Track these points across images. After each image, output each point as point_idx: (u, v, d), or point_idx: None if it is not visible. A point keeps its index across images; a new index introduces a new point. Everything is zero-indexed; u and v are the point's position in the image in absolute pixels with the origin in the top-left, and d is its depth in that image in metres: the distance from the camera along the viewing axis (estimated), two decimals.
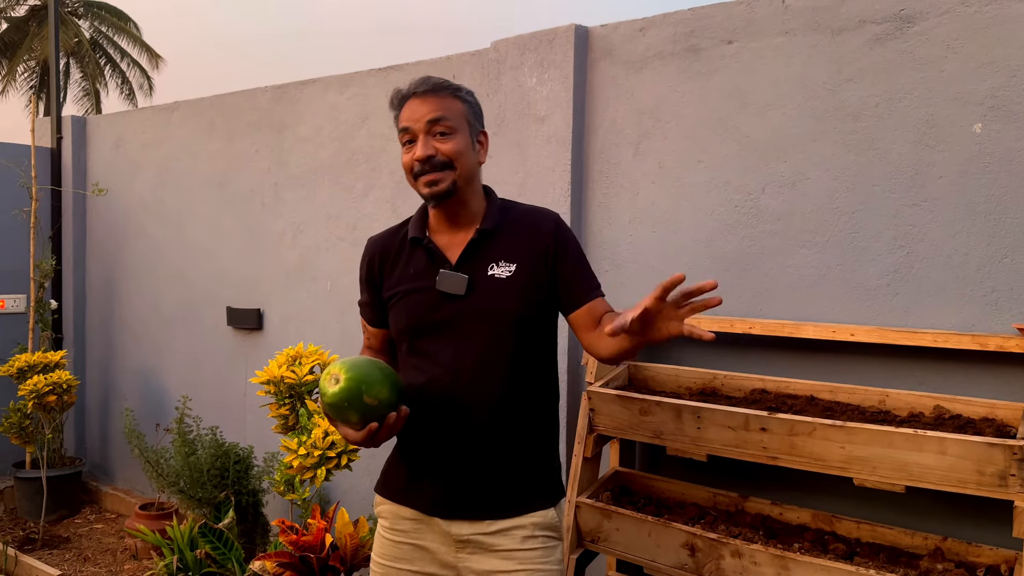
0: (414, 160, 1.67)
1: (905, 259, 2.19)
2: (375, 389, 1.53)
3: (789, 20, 2.36)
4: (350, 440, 1.60)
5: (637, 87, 2.64)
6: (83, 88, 26.39)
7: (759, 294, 2.40)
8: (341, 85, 3.56)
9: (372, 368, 1.56)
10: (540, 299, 1.73)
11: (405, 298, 1.75)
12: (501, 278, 1.70)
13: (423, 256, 1.75)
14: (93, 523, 4.40)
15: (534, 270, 1.72)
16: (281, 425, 2.96)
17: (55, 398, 4.07)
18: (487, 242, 1.73)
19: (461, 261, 1.72)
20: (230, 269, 4.08)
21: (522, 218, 1.79)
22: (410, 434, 1.74)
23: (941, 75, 2.13)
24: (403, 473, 1.78)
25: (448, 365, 1.70)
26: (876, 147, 2.22)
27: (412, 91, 1.71)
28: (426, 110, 1.67)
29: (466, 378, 1.69)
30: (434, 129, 1.66)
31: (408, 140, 1.69)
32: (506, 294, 1.70)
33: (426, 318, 1.72)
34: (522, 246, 1.74)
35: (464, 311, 1.70)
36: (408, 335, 1.75)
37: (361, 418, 1.53)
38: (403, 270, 1.77)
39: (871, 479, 1.93)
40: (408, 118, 1.68)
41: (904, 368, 2.17)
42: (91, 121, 4.93)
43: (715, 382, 2.39)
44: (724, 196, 2.47)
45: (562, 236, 1.76)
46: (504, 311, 1.69)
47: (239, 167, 4.02)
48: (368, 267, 1.84)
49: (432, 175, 1.66)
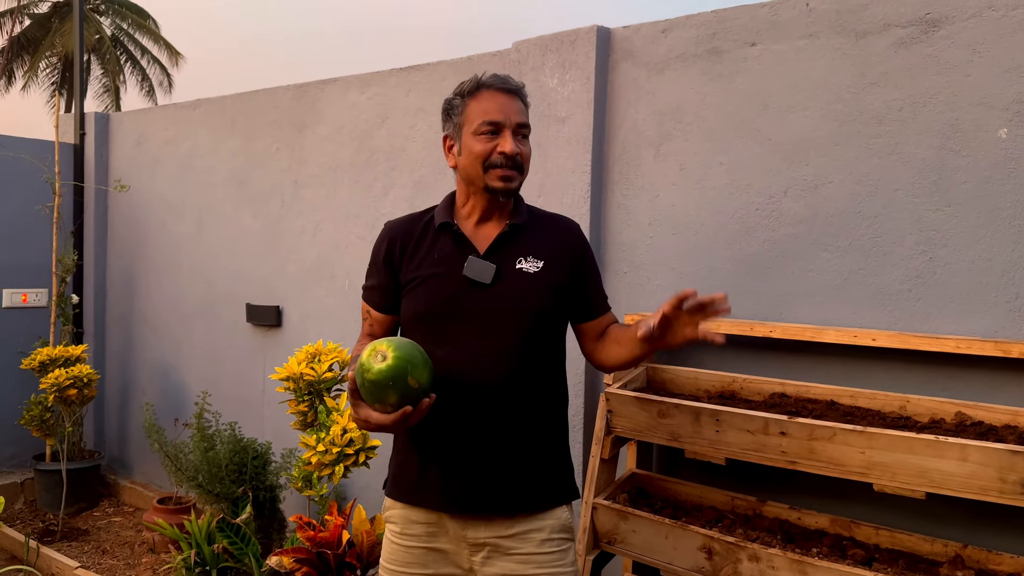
0: (497, 152, 1.69)
1: (928, 264, 2.17)
2: (418, 371, 1.52)
3: (813, 23, 2.35)
4: (371, 423, 1.57)
5: (659, 89, 2.64)
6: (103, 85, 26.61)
7: (779, 298, 2.40)
8: (362, 84, 3.57)
9: (415, 350, 1.55)
10: (561, 299, 1.76)
11: (428, 282, 1.75)
12: (529, 272, 1.73)
13: (450, 242, 1.76)
14: (111, 516, 4.45)
15: (560, 271, 1.76)
16: (300, 422, 2.98)
17: (76, 392, 4.12)
18: (517, 236, 1.76)
19: (490, 251, 1.74)
20: (250, 266, 4.11)
21: (548, 222, 1.85)
22: (424, 425, 1.71)
23: (967, 80, 2.12)
24: (414, 469, 1.76)
25: (468, 354, 1.70)
26: (899, 151, 2.21)
27: (499, 85, 1.73)
28: (517, 109, 1.73)
29: (484, 367, 1.69)
30: (520, 131, 1.72)
31: (490, 131, 1.70)
32: (533, 288, 1.72)
33: (448, 303, 1.72)
34: (550, 246, 1.77)
35: (489, 300, 1.71)
36: (426, 320, 1.74)
37: (399, 399, 1.52)
38: (426, 254, 1.77)
39: (891, 485, 1.92)
40: (500, 111, 1.70)
41: (926, 374, 2.15)
42: (114, 118, 4.98)
43: (734, 385, 2.38)
44: (745, 199, 2.47)
45: (587, 247, 1.85)
46: (529, 304, 1.72)
47: (259, 165, 4.05)
48: (387, 249, 1.82)
49: (510, 172, 1.71)
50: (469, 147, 1.72)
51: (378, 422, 1.56)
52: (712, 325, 1.57)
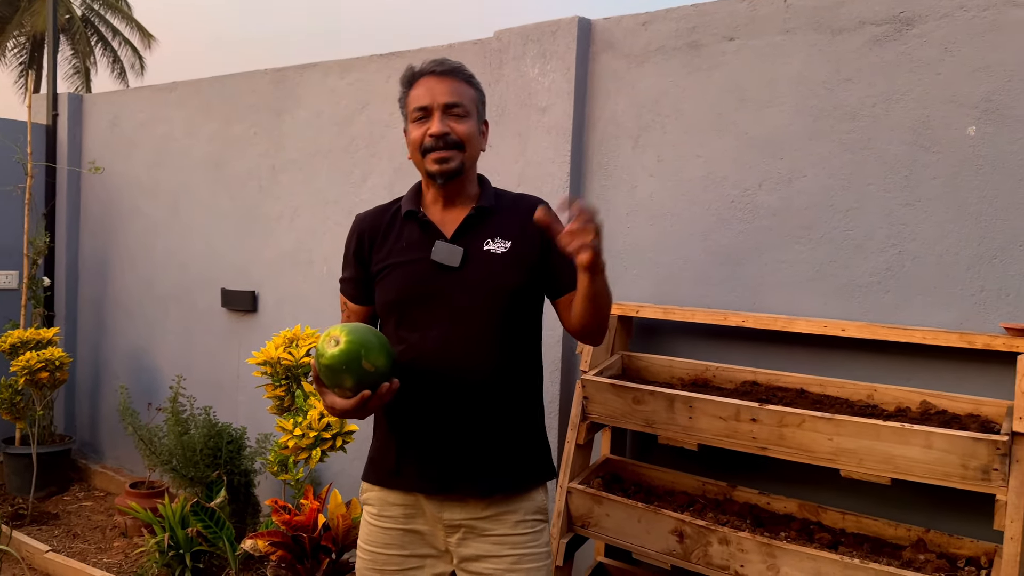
0: (427, 135, 1.71)
1: (897, 257, 2.23)
2: (373, 355, 1.54)
3: (790, 19, 2.39)
4: (336, 409, 1.60)
5: (638, 81, 2.67)
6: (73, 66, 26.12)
7: (753, 288, 2.45)
8: (342, 70, 3.57)
9: (370, 334, 1.57)
10: (532, 278, 1.78)
11: (397, 269, 1.77)
12: (497, 253, 1.75)
13: (416, 229, 1.78)
14: (82, 500, 4.42)
15: (528, 250, 1.77)
16: (276, 406, 2.98)
17: (47, 375, 4.08)
18: (483, 219, 1.78)
19: (457, 235, 1.76)
20: (225, 251, 4.09)
21: (515, 202, 1.86)
22: (399, 410, 1.75)
23: (938, 78, 2.17)
24: (391, 453, 1.79)
25: (439, 337, 1.72)
26: (872, 147, 2.27)
27: (430, 69, 1.74)
28: (444, 90, 1.72)
29: (457, 351, 1.71)
30: (451, 111, 1.72)
31: (422, 116, 1.73)
32: (501, 269, 1.74)
33: (418, 289, 1.74)
34: (517, 226, 1.79)
35: (458, 283, 1.73)
36: (398, 307, 1.76)
37: (356, 383, 1.54)
38: (395, 243, 1.80)
39: (858, 471, 1.98)
40: (426, 95, 1.72)
41: (893, 364, 2.21)
42: (87, 99, 4.92)
43: (707, 373, 2.43)
44: (721, 191, 2.51)
45: (555, 222, 1.83)
46: (498, 285, 1.73)
47: (236, 149, 4.02)
48: (358, 241, 1.85)
49: (444, 152, 1.71)
50: (408, 135, 1.76)
51: (341, 407, 1.59)
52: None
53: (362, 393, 1.56)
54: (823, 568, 1.93)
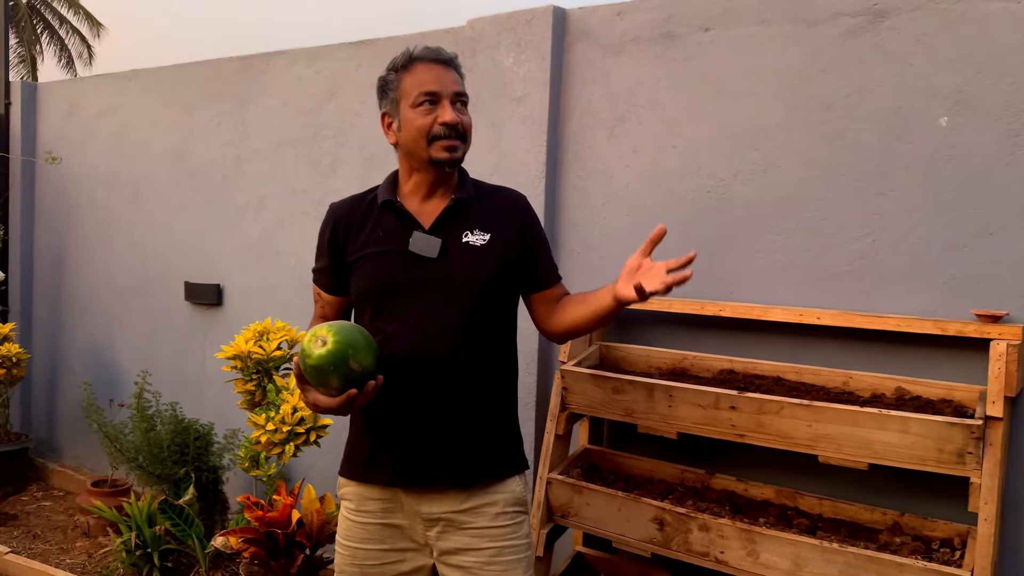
0: (439, 123, 1.69)
1: (871, 246, 2.26)
2: (361, 355, 1.53)
3: (765, 10, 2.41)
4: (320, 407, 1.59)
5: (613, 71, 2.67)
6: (19, 55, 25.37)
7: (729, 278, 2.46)
8: (309, 58, 3.51)
9: (357, 333, 1.56)
10: (510, 272, 1.77)
11: (373, 259, 1.75)
12: (476, 245, 1.74)
13: (394, 219, 1.76)
14: (41, 500, 4.30)
15: (507, 243, 1.77)
16: (247, 401, 2.93)
17: (3, 372, 3.96)
18: (462, 211, 1.77)
19: (436, 226, 1.75)
20: (188, 243, 4.00)
21: (493, 194, 1.85)
22: (376, 402, 1.71)
23: (910, 69, 2.21)
24: (367, 447, 1.77)
25: (415, 328, 1.70)
26: (845, 137, 2.29)
27: (432, 56, 1.73)
28: (453, 79, 1.73)
29: (433, 342, 1.70)
30: (459, 99, 1.72)
31: (429, 101, 1.70)
32: (480, 261, 1.73)
33: (395, 279, 1.72)
34: (496, 219, 1.78)
35: (436, 274, 1.72)
36: (374, 297, 1.74)
37: (342, 383, 1.53)
38: (371, 233, 1.77)
39: (836, 456, 2.00)
40: (435, 81, 1.70)
41: (867, 351, 2.25)
42: (42, 87, 4.77)
43: (685, 362, 2.44)
44: (697, 181, 2.52)
45: (533, 218, 1.86)
46: (477, 277, 1.72)
47: (199, 139, 3.93)
48: (332, 231, 1.82)
49: (454, 141, 1.71)
50: (409, 121, 1.71)
51: (326, 405, 1.58)
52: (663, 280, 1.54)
53: (348, 392, 1.54)
54: (802, 553, 1.96)
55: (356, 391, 1.55)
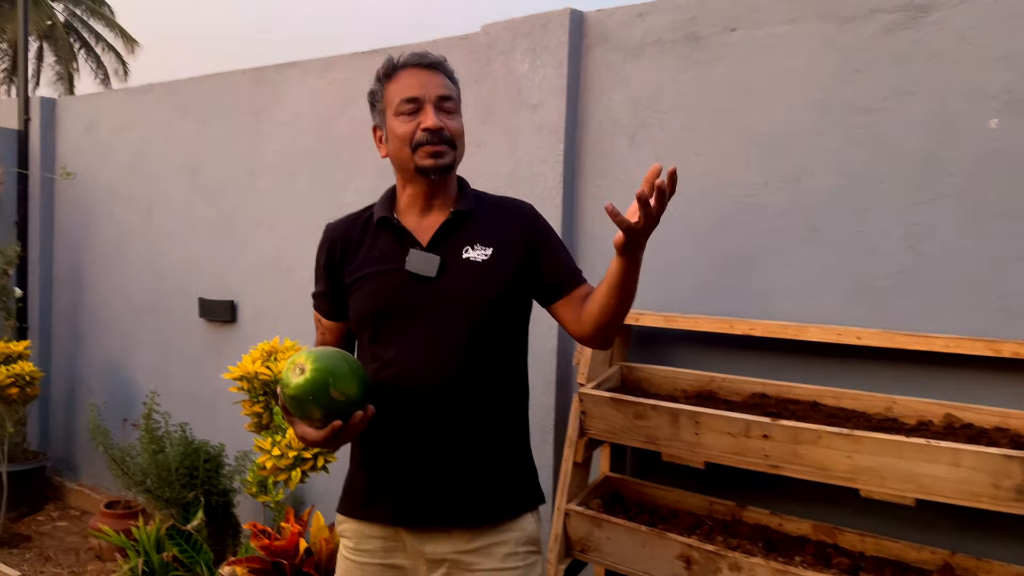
0: (420, 129, 1.57)
1: (914, 259, 2.09)
2: (343, 383, 1.41)
3: (795, 8, 2.25)
4: (308, 440, 1.47)
5: (634, 75, 2.53)
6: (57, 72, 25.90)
7: (760, 294, 2.30)
8: (322, 69, 3.41)
9: (340, 360, 1.43)
10: (517, 286, 1.63)
11: (369, 281, 1.63)
12: (477, 261, 1.61)
13: (390, 237, 1.65)
14: (56, 520, 4.23)
15: (512, 256, 1.63)
16: (255, 423, 2.81)
17: (17, 390, 3.89)
18: (462, 224, 1.64)
19: (433, 242, 1.62)
20: (202, 258, 3.92)
21: (497, 205, 1.72)
22: (372, 434, 1.60)
23: (955, 67, 2.04)
24: (365, 482, 1.65)
25: (413, 354, 1.58)
26: (885, 142, 2.13)
27: (414, 62, 1.61)
28: (436, 82, 1.60)
29: (435, 367, 1.57)
30: (444, 105, 1.59)
31: (412, 110, 1.58)
32: (482, 278, 1.60)
33: (393, 301, 1.60)
34: (499, 231, 1.65)
35: (435, 294, 1.59)
36: (372, 321, 1.63)
37: (324, 414, 1.41)
38: (367, 253, 1.66)
39: (879, 491, 1.83)
40: (416, 86, 1.58)
41: (913, 374, 2.07)
42: (61, 103, 4.74)
43: (713, 385, 2.28)
44: (723, 191, 2.36)
45: (541, 223, 1.70)
46: (479, 296, 1.59)
47: (214, 152, 3.86)
48: (328, 254, 1.71)
49: (439, 147, 1.58)
50: (393, 130, 1.61)
51: (312, 438, 1.47)
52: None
53: (332, 424, 1.42)
54: None
55: (341, 423, 1.43)
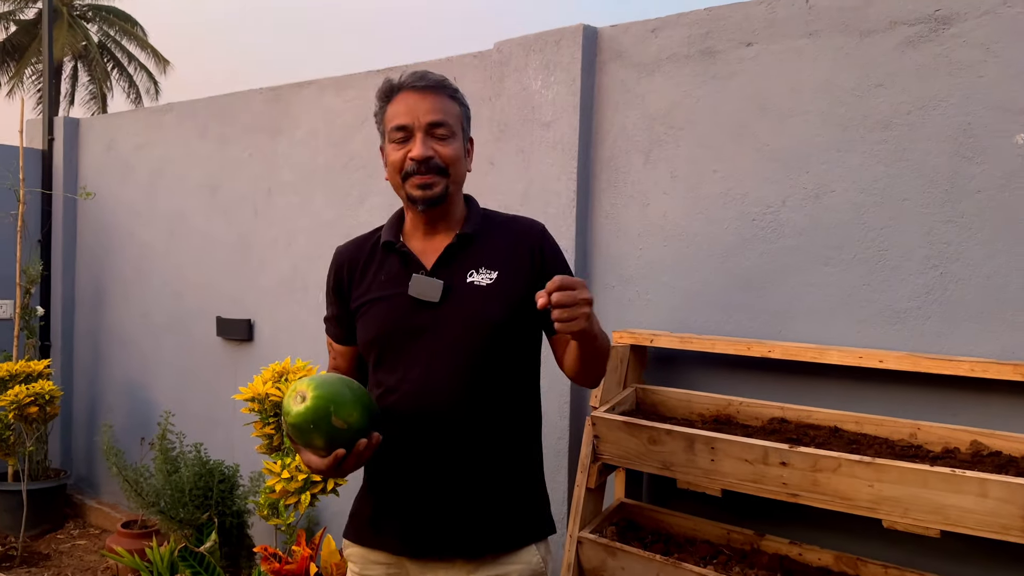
0: (408, 158, 1.53)
1: (939, 279, 2.01)
2: (345, 411, 1.37)
3: (813, 21, 2.19)
4: (313, 468, 1.44)
5: (649, 91, 2.48)
6: (90, 92, 26.41)
7: (778, 315, 2.23)
8: (338, 87, 3.40)
9: (343, 387, 1.40)
10: (523, 310, 1.58)
11: (375, 305, 1.61)
12: (481, 286, 1.57)
13: (396, 261, 1.62)
14: (76, 539, 4.23)
15: (517, 280, 1.58)
16: (266, 445, 2.79)
17: (36, 409, 3.90)
18: (467, 248, 1.60)
19: (438, 266, 1.58)
20: (221, 277, 3.92)
21: (505, 225, 1.67)
22: (378, 459, 1.56)
23: (980, 81, 1.97)
24: (369, 509, 1.63)
25: (417, 380, 1.55)
26: (908, 158, 2.06)
27: (410, 83, 1.57)
28: (427, 107, 1.54)
29: (439, 395, 1.54)
30: (435, 131, 1.54)
31: (402, 138, 1.55)
32: (487, 302, 1.55)
33: (396, 327, 1.57)
34: (505, 254, 1.60)
35: (439, 320, 1.55)
36: (376, 346, 1.60)
37: (327, 443, 1.37)
38: (374, 277, 1.64)
39: (902, 522, 1.75)
40: (407, 113, 1.54)
41: (937, 399, 1.99)
42: (84, 123, 4.79)
43: (730, 409, 2.21)
44: (741, 208, 2.31)
45: (550, 247, 1.65)
46: (483, 321, 1.55)
47: (232, 171, 3.86)
48: (336, 277, 1.70)
49: (426, 177, 1.53)
50: (387, 156, 1.59)
51: (316, 466, 1.43)
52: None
53: (335, 452, 1.38)
54: None
55: (344, 452, 1.39)
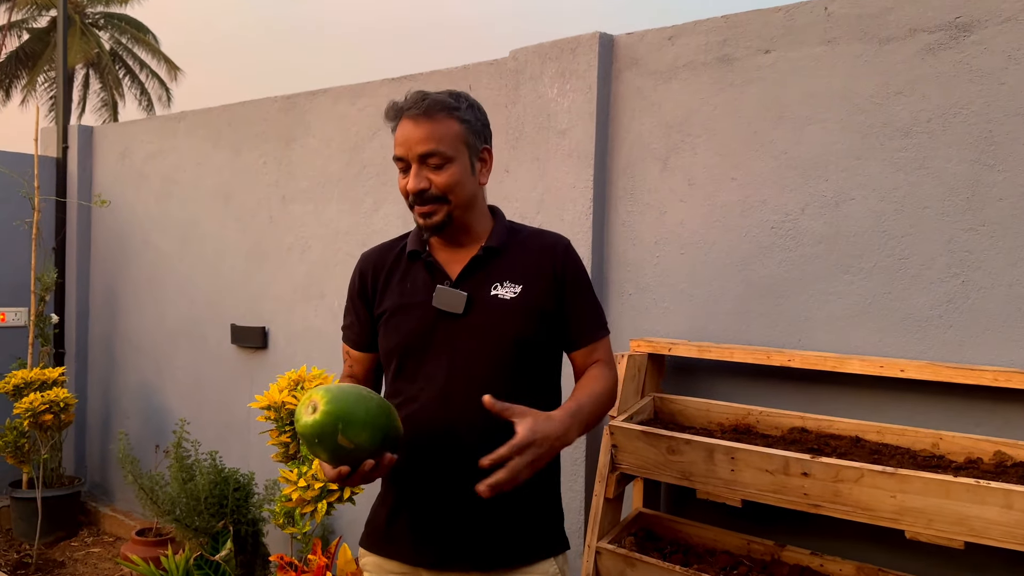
0: (407, 191, 1.55)
1: (960, 288, 2.00)
2: (353, 431, 1.31)
3: (832, 28, 2.18)
4: (326, 474, 1.41)
5: (665, 99, 2.47)
6: (102, 99, 26.54)
7: (798, 324, 2.22)
8: (352, 96, 3.41)
9: (357, 404, 1.33)
10: (545, 325, 1.59)
11: (398, 314, 1.61)
12: (505, 299, 1.57)
13: (422, 271, 1.62)
14: (90, 546, 4.24)
15: (541, 294, 1.59)
16: (282, 454, 2.78)
17: (51, 417, 3.92)
18: (492, 261, 1.60)
19: (462, 278, 1.59)
20: (235, 285, 3.93)
21: (530, 239, 1.67)
22: (394, 470, 1.56)
23: (1002, 88, 1.95)
24: (385, 518, 1.63)
25: (437, 392, 1.55)
26: (928, 166, 2.04)
27: (406, 109, 1.55)
28: (419, 138, 1.52)
29: (457, 407, 1.54)
30: (428, 161, 1.53)
31: (402, 168, 1.56)
32: (509, 316, 1.56)
33: (419, 337, 1.58)
34: (529, 268, 1.61)
35: (461, 332, 1.56)
36: (398, 355, 1.60)
37: (331, 459, 1.33)
38: (398, 285, 1.64)
39: (926, 533, 1.74)
40: (402, 143, 1.54)
41: (960, 408, 1.97)
42: (97, 131, 4.81)
43: (749, 418, 2.20)
44: (760, 216, 2.29)
45: (573, 263, 1.65)
46: (505, 334, 1.55)
47: (246, 179, 3.87)
48: (360, 281, 1.70)
49: (425, 207, 1.55)
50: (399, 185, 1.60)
51: (326, 474, 1.40)
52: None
53: (339, 469, 1.35)
54: None
55: (348, 469, 1.34)
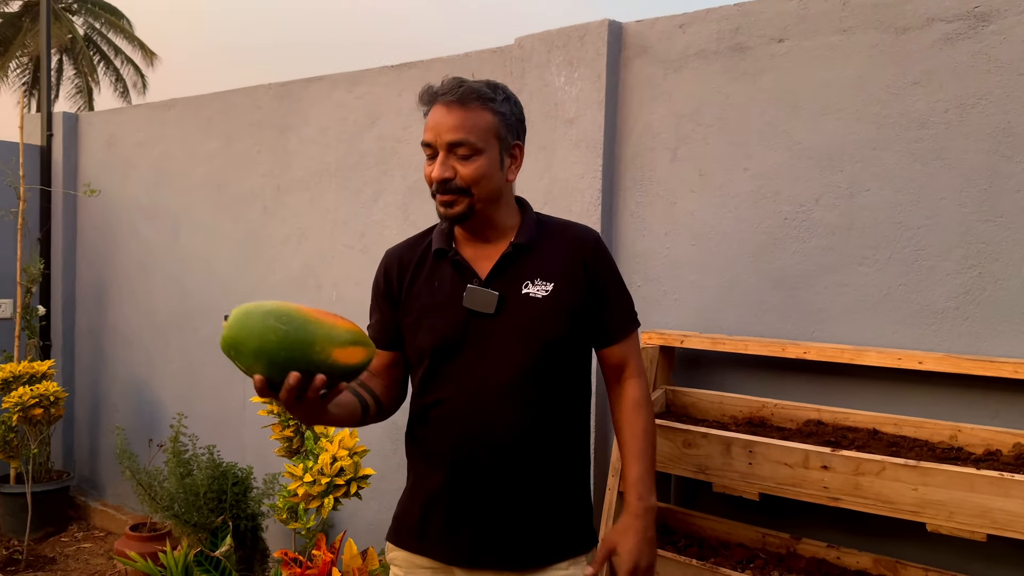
0: (431, 178, 1.51)
1: (977, 279, 1.99)
2: (244, 359, 1.25)
3: (847, 17, 2.16)
4: None
5: (676, 88, 2.44)
6: (76, 85, 26.10)
7: (813, 315, 2.21)
8: (350, 83, 3.35)
9: (251, 334, 1.23)
10: (577, 322, 1.56)
11: (427, 315, 1.57)
12: (537, 297, 1.54)
13: (449, 270, 1.58)
14: (81, 541, 4.17)
15: (573, 291, 1.56)
16: (285, 448, 2.74)
17: (41, 411, 3.84)
18: (522, 257, 1.56)
19: (492, 276, 1.55)
20: (228, 276, 3.86)
21: (559, 233, 1.63)
22: (426, 470, 1.58)
23: (1020, 79, 1.94)
24: (417, 515, 1.60)
25: (469, 393, 1.53)
26: (945, 157, 2.03)
27: (440, 95, 1.51)
28: (450, 124, 1.48)
29: (491, 406, 1.51)
30: (456, 150, 1.49)
31: (429, 154, 1.52)
32: (542, 315, 1.53)
33: (449, 337, 1.54)
34: (560, 264, 1.57)
35: (493, 332, 1.52)
36: (429, 356, 1.57)
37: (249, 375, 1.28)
38: (425, 284, 1.60)
39: (947, 525, 1.73)
40: (432, 129, 1.50)
41: (978, 400, 1.97)
42: (83, 118, 4.71)
43: (764, 411, 2.19)
44: (773, 207, 2.27)
45: (604, 259, 1.62)
46: (539, 334, 1.52)
47: (239, 168, 3.80)
48: (385, 279, 1.65)
49: (447, 197, 1.50)
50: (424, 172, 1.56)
51: None
52: None
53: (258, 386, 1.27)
54: None
55: (262, 384, 1.26)
